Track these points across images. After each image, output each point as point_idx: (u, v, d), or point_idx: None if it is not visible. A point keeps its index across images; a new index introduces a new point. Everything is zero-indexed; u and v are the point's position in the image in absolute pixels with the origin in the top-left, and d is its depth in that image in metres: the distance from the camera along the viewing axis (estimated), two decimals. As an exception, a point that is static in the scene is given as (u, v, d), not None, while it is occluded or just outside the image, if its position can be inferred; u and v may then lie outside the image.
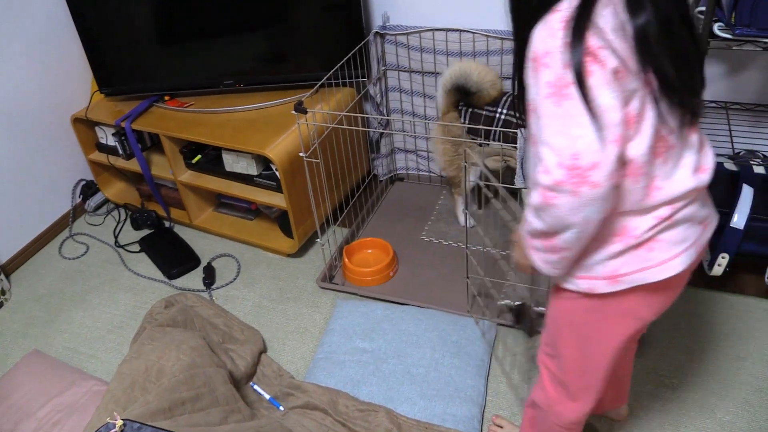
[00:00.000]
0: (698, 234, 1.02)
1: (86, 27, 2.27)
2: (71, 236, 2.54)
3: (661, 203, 0.97)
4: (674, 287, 1.05)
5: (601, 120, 0.86)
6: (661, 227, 0.97)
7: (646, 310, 1.06)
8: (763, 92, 2.00)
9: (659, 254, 0.98)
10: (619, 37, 0.86)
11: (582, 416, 1.25)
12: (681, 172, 0.97)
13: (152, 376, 1.56)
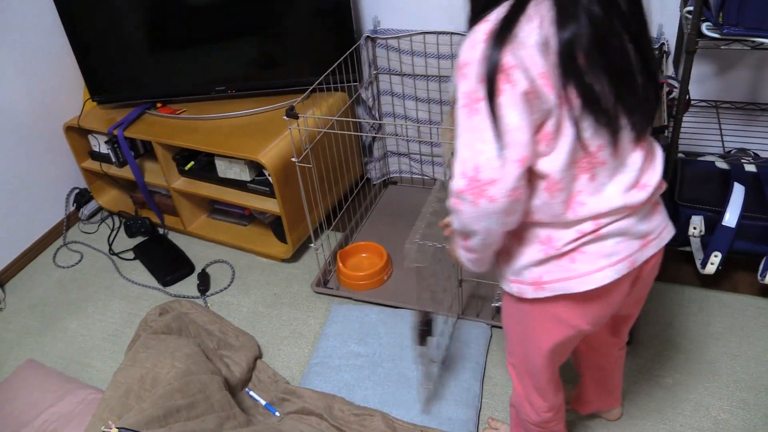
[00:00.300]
0: (634, 249, 1.01)
1: (78, 35, 2.27)
2: (65, 244, 2.54)
3: (585, 218, 0.97)
4: (607, 298, 1.04)
5: (505, 138, 0.86)
6: (585, 240, 0.98)
7: (577, 318, 1.06)
8: (753, 90, 2.01)
9: (582, 266, 0.99)
10: (541, 53, 0.85)
11: (542, 415, 1.29)
12: (612, 188, 0.96)
13: (147, 384, 1.56)
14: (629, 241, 1.00)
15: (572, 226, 0.98)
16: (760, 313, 1.88)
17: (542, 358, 1.16)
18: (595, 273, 0.99)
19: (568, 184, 0.94)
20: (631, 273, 1.03)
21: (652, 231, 1.04)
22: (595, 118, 0.89)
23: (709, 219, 1.87)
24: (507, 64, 0.85)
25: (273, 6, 2.18)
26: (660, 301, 1.95)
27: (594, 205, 0.96)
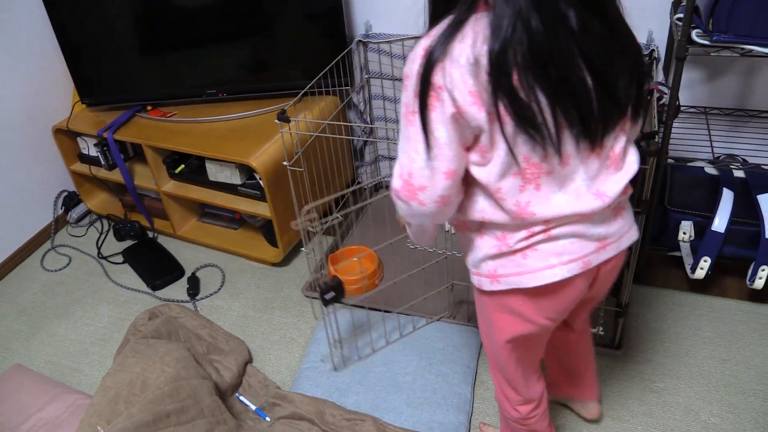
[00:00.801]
0: (590, 250, 1.03)
1: (67, 37, 2.26)
2: (53, 248, 2.52)
3: (535, 222, 1.00)
4: (561, 295, 1.06)
5: (434, 151, 0.93)
6: (536, 239, 1.01)
7: (533, 313, 1.09)
8: (742, 97, 2.02)
9: (533, 262, 1.02)
10: (471, 72, 0.86)
11: (519, 410, 1.32)
12: (561, 197, 0.98)
13: (136, 389, 1.55)
14: (584, 242, 1.02)
15: (523, 228, 1.01)
16: (749, 317, 1.89)
17: (504, 350, 1.20)
18: (545, 270, 1.02)
19: (512, 192, 0.96)
20: (588, 273, 1.05)
21: (611, 235, 1.05)
22: (530, 136, 0.90)
23: (699, 224, 1.88)
24: (436, 83, 0.89)
25: (265, 9, 2.18)
26: (650, 306, 1.96)
27: (543, 212, 0.98)
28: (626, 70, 0.93)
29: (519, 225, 1.00)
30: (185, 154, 2.28)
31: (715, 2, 1.48)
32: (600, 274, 1.09)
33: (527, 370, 1.27)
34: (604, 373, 1.76)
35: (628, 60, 0.93)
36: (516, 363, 1.24)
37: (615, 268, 1.12)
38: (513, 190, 0.96)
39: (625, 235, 1.08)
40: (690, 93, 2.06)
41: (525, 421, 1.35)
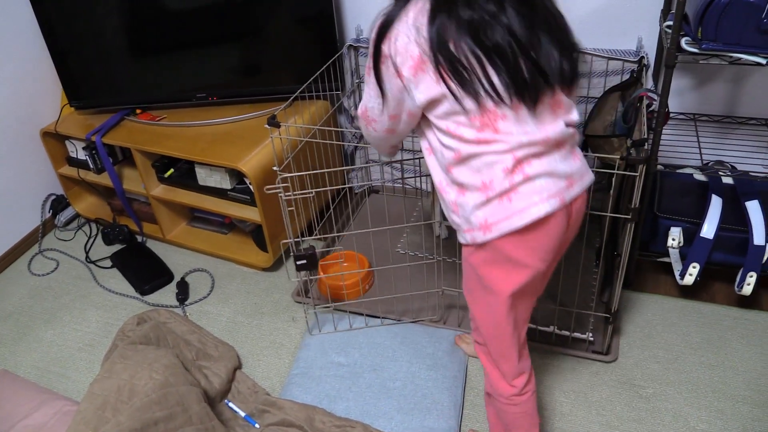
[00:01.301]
0: (562, 186, 1.16)
1: (55, 39, 2.24)
2: (41, 252, 2.49)
3: (505, 151, 1.13)
4: (548, 231, 1.17)
5: (384, 99, 1.20)
6: (516, 181, 1.13)
7: (527, 256, 1.18)
8: (730, 104, 2.04)
9: (519, 203, 1.13)
10: (415, 43, 1.09)
11: (514, 384, 1.36)
12: (516, 129, 1.12)
13: (124, 396, 1.53)
14: (555, 180, 1.15)
15: (498, 166, 1.13)
16: (737, 323, 1.90)
17: (504, 306, 1.24)
18: (531, 207, 1.13)
19: (473, 133, 1.13)
20: (565, 210, 1.17)
21: (574, 173, 1.18)
22: (468, 91, 1.09)
23: (688, 230, 1.89)
24: (384, 52, 1.14)
25: (255, 13, 2.17)
26: (639, 312, 1.97)
27: (501, 138, 1.12)
28: (554, 45, 1.12)
29: (493, 166, 1.13)
30: (175, 158, 2.27)
31: (703, 11, 1.49)
32: (573, 212, 1.21)
33: (521, 333, 1.33)
34: (593, 380, 1.76)
35: (554, 36, 1.13)
36: (513, 327, 1.29)
37: (581, 209, 1.24)
38: (474, 131, 1.13)
39: (585, 174, 1.22)
40: (679, 100, 2.07)
41: (520, 397, 1.37)
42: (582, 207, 1.23)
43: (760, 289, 2.01)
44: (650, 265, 2.13)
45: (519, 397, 1.37)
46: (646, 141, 1.48)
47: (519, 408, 1.39)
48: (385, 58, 1.15)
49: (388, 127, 1.27)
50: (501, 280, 1.22)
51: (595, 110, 1.86)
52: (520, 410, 1.39)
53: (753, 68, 1.95)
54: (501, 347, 1.33)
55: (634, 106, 1.68)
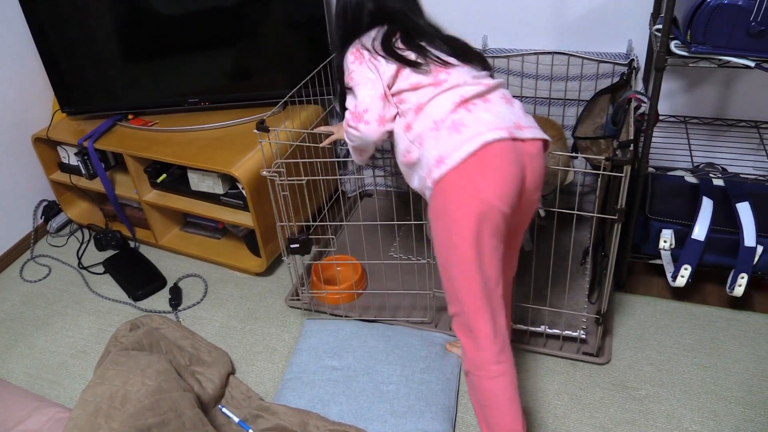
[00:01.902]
0: (508, 122, 1.32)
1: (47, 45, 2.24)
2: (33, 258, 2.48)
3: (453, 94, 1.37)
4: (499, 166, 1.28)
5: (371, 82, 1.46)
6: (462, 113, 1.34)
7: (482, 188, 1.28)
8: (720, 106, 2.05)
9: (465, 134, 1.30)
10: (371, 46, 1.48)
11: (490, 348, 1.37)
12: (464, 75, 1.41)
13: (117, 402, 1.53)
14: (500, 116, 1.33)
15: (445, 102, 1.36)
16: (729, 324, 1.91)
17: (468, 241, 1.30)
18: (477, 135, 1.29)
19: (430, 79, 1.41)
20: (514, 148, 1.30)
21: (518, 118, 1.36)
22: (413, 69, 1.43)
23: (679, 232, 1.90)
24: (358, 55, 1.50)
25: (247, 18, 2.18)
26: (632, 314, 1.97)
27: (452, 79, 1.40)
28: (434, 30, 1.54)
29: (443, 102, 1.36)
30: (167, 163, 2.26)
31: (692, 14, 1.50)
32: (526, 158, 1.33)
33: (493, 291, 1.36)
34: (587, 382, 1.77)
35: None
36: (481, 275, 1.33)
37: (539, 164, 1.36)
38: (423, 97, 1.40)
39: (534, 126, 1.37)
40: (670, 103, 2.08)
41: (496, 366, 1.37)
42: (538, 162, 1.36)
43: (752, 291, 2.02)
44: (642, 267, 2.14)
45: (495, 366, 1.37)
46: (632, 142, 1.48)
47: (496, 383, 1.37)
48: (359, 51, 1.50)
49: (380, 111, 1.45)
50: (459, 209, 1.30)
51: (585, 112, 1.87)
52: (497, 386, 1.37)
53: (742, 71, 1.96)
54: (473, 302, 1.35)
55: (623, 108, 1.69)
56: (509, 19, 2.10)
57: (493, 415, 1.39)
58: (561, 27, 2.06)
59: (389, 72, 1.44)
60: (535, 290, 2.01)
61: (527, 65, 2.10)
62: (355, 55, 1.50)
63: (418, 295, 2.08)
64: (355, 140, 1.53)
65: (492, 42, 2.16)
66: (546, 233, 2.27)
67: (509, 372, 1.39)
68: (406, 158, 1.43)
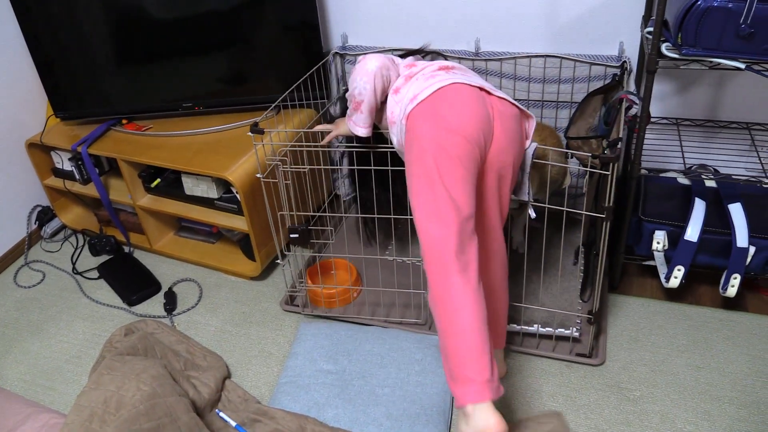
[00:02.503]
0: (475, 82, 1.48)
1: (40, 50, 2.24)
2: (27, 264, 2.48)
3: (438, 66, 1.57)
4: (464, 98, 1.43)
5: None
6: (436, 71, 1.54)
7: (447, 114, 1.40)
8: (712, 108, 2.06)
9: (437, 80, 1.48)
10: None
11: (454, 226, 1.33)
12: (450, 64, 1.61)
13: (111, 408, 1.52)
14: (468, 77, 1.50)
15: (432, 66, 1.58)
16: (722, 325, 1.92)
17: (431, 156, 1.37)
18: (447, 79, 1.47)
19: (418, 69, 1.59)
20: (480, 96, 1.45)
21: (483, 83, 1.51)
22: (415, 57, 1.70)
23: (672, 234, 1.91)
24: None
25: (240, 23, 2.18)
26: (626, 315, 1.98)
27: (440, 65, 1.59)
28: None
29: (428, 68, 1.56)
30: (161, 168, 2.26)
31: (683, 17, 1.51)
32: (495, 110, 1.46)
33: (460, 207, 1.34)
34: (581, 383, 1.77)
35: None
36: (449, 170, 1.37)
37: (510, 118, 1.47)
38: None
39: (498, 90, 1.52)
40: (662, 105, 2.10)
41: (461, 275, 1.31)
42: (510, 123, 1.47)
43: (745, 291, 2.03)
44: (636, 269, 2.15)
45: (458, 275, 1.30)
46: (620, 140, 1.49)
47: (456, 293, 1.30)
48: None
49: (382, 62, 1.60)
50: (424, 128, 1.41)
51: (578, 113, 1.88)
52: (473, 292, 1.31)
53: (733, 73, 1.98)
54: (444, 184, 1.35)
55: (615, 108, 1.70)
56: (502, 22, 2.11)
57: (451, 347, 1.29)
58: (553, 30, 2.07)
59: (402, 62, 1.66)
60: (528, 290, 2.02)
61: (520, 68, 2.11)
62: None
63: (412, 294, 2.08)
64: (358, 86, 1.61)
65: (485, 45, 2.17)
66: (538, 234, 2.28)
67: (472, 290, 1.31)
68: (390, 118, 1.58)
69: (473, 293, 1.31)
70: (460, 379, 1.27)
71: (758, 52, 1.51)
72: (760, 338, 1.87)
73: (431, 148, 1.38)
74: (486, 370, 1.26)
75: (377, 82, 1.58)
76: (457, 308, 1.29)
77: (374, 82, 1.58)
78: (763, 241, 1.82)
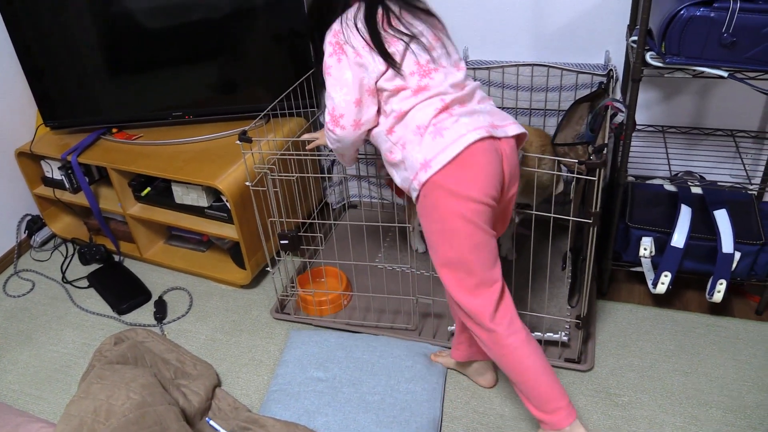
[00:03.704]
0: (486, 122, 1.39)
1: (30, 59, 2.24)
2: (16, 273, 2.47)
3: (433, 95, 1.42)
4: (482, 163, 1.36)
5: (347, 86, 1.46)
6: (443, 118, 1.38)
7: (467, 188, 1.36)
8: (697, 116, 2.09)
9: (449, 137, 1.36)
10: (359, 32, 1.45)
11: (490, 301, 1.46)
12: (438, 77, 1.44)
13: (101, 417, 1.52)
14: (478, 116, 1.41)
15: (428, 108, 1.40)
16: (709, 330, 1.94)
17: (461, 227, 1.39)
18: (460, 138, 1.35)
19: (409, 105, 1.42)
20: (495, 145, 1.39)
21: (493, 115, 1.44)
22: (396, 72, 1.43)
23: (659, 240, 1.93)
24: (339, 43, 1.46)
25: (230, 32, 2.19)
26: (614, 321, 1.99)
27: (433, 85, 1.43)
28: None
29: (424, 105, 1.40)
30: (151, 176, 2.27)
31: (666, 26, 1.53)
32: (503, 155, 1.41)
33: (490, 258, 1.44)
34: (569, 389, 1.78)
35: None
36: (476, 247, 1.41)
37: (513, 152, 1.44)
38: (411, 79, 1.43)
39: (510, 123, 1.44)
40: (648, 112, 2.12)
41: (503, 321, 1.47)
42: (513, 157, 1.43)
43: (731, 296, 2.05)
44: (624, 275, 2.16)
45: (502, 320, 1.46)
46: (605, 146, 1.51)
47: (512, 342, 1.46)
48: (340, 46, 1.44)
49: (354, 116, 1.47)
50: (449, 208, 1.38)
51: (564, 120, 1.90)
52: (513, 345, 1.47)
53: (717, 81, 2.00)
54: (468, 268, 1.44)
55: (601, 115, 1.72)
56: (489, 31, 2.13)
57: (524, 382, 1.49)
58: (540, 39, 2.10)
59: (377, 71, 1.44)
60: (517, 296, 2.03)
61: (508, 76, 2.13)
62: (334, 47, 1.46)
63: (402, 301, 2.09)
64: (334, 143, 1.56)
65: (473, 54, 2.19)
66: (526, 240, 2.29)
67: (524, 342, 1.47)
68: (388, 158, 1.49)
69: (523, 342, 1.47)
70: (549, 410, 1.48)
71: (740, 60, 1.53)
72: (747, 343, 1.89)
73: (455, 224, 1.39)
74: (564, 394, 1.49)
75: (357, 143, 1.56)
76: (519, 361, 1.47)
77: (355, 146, 1.58)
78: (748, 247, 1.85)
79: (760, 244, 1.84)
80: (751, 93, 1.99)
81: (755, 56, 1.51)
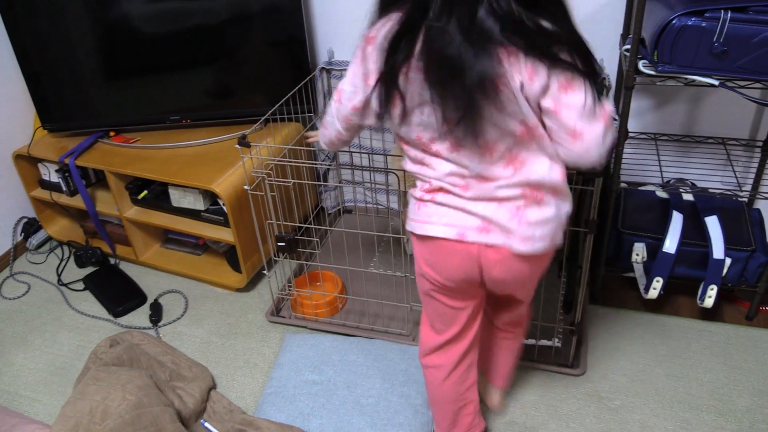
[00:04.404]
0: (469, 224, 1.19)
1: (29, 62, 2.25)
2: (12, 275, 2.47)
3: (431, 178, 1.20)
4: (443, 255, 1.24)
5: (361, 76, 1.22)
6: (432, 195, 1.21)
7: (424, 260, 1.29)
8: (688, 123, 2.12)
9: (423, 215, 1.23)
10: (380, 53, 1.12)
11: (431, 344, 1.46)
12: (447, 166, 1.17)
13: (97, 418, 1.53)
14: (465, 215, 1.19)
15: (426, 180, 1.22)
16: (701, 335, 1.96)
17: (421, 288, 1.39)
18: (426, 223, 1.23)
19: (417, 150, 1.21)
20: (467, 249, 1.20)
21: (496, 221, 1.17)
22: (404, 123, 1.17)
23: (651, 246, 1.95)
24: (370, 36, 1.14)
25: (228, 36, 2.21)
26: (607, 326, 2.01)
27: (435, 169, 1.19)
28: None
29: (424, 179, 1.22)
30: (148, 180, 2.28)
31: (658, 35, 1.56)
32: (483, 260, 1.21)
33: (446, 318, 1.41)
34: (563, 393, 1.80)
35: None
36: (431, 307, 1.41)
37: (504, 264, 1.21)
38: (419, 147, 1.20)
39: (515, 234, 1.17)
40: (640, 120, 2.15)
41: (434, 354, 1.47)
42: (503, 264, 1.21)
43: (722, 302, 2.07)
44: (616, 281, 2.18)
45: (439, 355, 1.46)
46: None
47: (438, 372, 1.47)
48: (363, 47, 1.16)
49: (345, 114, 1.29)
50: (417, 267, 1.35)
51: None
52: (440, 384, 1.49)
53: (709, 89, 2.03)
54: (427, 314, 1.46)
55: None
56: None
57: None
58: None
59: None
60: (513, 303, 2.05)
61: (503, 84, 2.15)
62: (361, 46, 1.17)
63: (396, 307, 2.10)
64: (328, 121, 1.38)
65: (468, 61, 2.21)
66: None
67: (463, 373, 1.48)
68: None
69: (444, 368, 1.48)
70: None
71: (731, 69, 1.56)
72: (737, 348, 1.91)
73: (420, 282, 1.39)
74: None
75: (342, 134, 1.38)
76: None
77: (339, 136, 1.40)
78: (738, 253, 1.87)
79: (750, 251, 1.86)
80: (742, 101, 2.02)
81: (745, 65, 1.54)
